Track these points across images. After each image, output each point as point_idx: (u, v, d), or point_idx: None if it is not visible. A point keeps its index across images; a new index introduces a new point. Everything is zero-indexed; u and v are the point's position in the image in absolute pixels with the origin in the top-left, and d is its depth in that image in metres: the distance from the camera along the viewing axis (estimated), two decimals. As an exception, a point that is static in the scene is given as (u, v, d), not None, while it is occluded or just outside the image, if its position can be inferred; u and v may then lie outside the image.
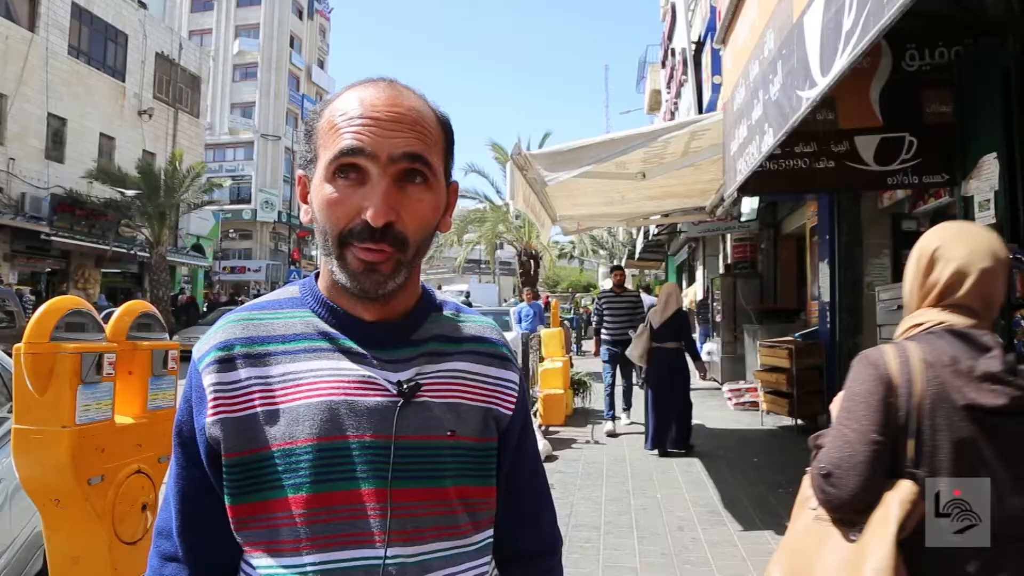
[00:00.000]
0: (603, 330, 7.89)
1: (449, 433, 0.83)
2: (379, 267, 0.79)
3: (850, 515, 1.33)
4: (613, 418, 7.62)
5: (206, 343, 0.84)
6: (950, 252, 1.39)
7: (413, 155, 0.79)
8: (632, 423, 7.84)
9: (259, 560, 0.79)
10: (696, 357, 7.19)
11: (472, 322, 0.94)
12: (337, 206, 0.79)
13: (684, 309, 7.17)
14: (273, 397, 0.80)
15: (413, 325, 0.88)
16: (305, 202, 0.85)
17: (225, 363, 0.82)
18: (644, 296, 13.31)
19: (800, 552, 1.41)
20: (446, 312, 0.93)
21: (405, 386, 0.82)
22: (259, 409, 0.79)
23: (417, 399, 0.82)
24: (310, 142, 0.84)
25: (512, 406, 0.91)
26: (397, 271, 0.80)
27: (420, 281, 0.92)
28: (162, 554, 0.86)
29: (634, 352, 6.86)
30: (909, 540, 1.27)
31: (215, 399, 0.80)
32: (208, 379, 0.81)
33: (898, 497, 1.28)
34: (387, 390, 0.81)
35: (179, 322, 19.11)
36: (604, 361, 7.85)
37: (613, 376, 7.73)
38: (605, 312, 7.87)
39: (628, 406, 8.08)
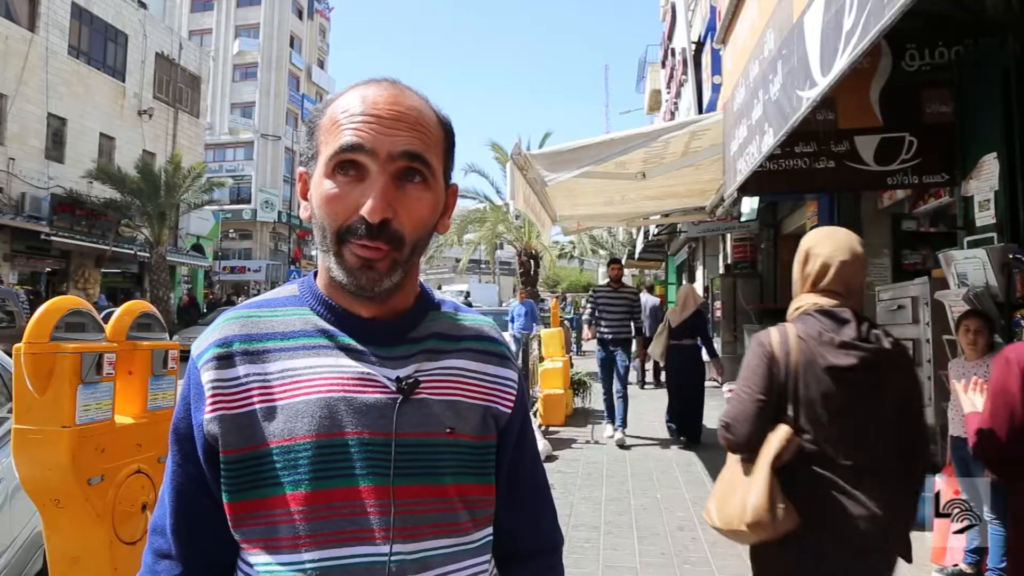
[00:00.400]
0: (600, 327, 7.22)
1: (448, 430, 0.83)
2: (375, 264, 0.79)
3: (747, 453, 1.77)
4: (613, 420, 7.12)
5: (204, 340, 0.84)
6: (818, 250, 1.82)
7: (412, 154, 0.79)
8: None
9: (257, 558, 0.79)
10: (713, 354, 7.57)
11: (471, 321, 0.94)
12: (336, 202, 0.79)
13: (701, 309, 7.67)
14: (272, 394, 0.80)
15: (412, 323, 0.88)
16: (305, 199, 0.86)
17: (224, 360, 0.82)
18: (647, 296, 13.39)
19: (726, 484, 1.83)
20: (445, 311, 0.93)
21: (404, 382, 0.82)
22: (258, 406, 0.79)
23: (416, 396, 0.82)
24: (312, 139, 0.84)
25: (511, 404, 0.91)
26: (393, 269, 0.80)
27: (419, 280, 0.92)
28: (156, 551, 0.86)
29: (656, 350, 7.44)
30: (787, 467, 1.69)
31: (213, 396, 0.80)
32: (206, 376, 0.81)
33: (776, 437, 1.70)
34: (386, 387, 0.81)
35: (181, 323, 19.15)
36: (599, 364, 7.32)
37: (609, 380, 7.15)
38: (600, 308, 7.18)
39: (624, 422, 7.06)
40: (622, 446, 6.70)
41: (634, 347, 7.87)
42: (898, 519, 1.70)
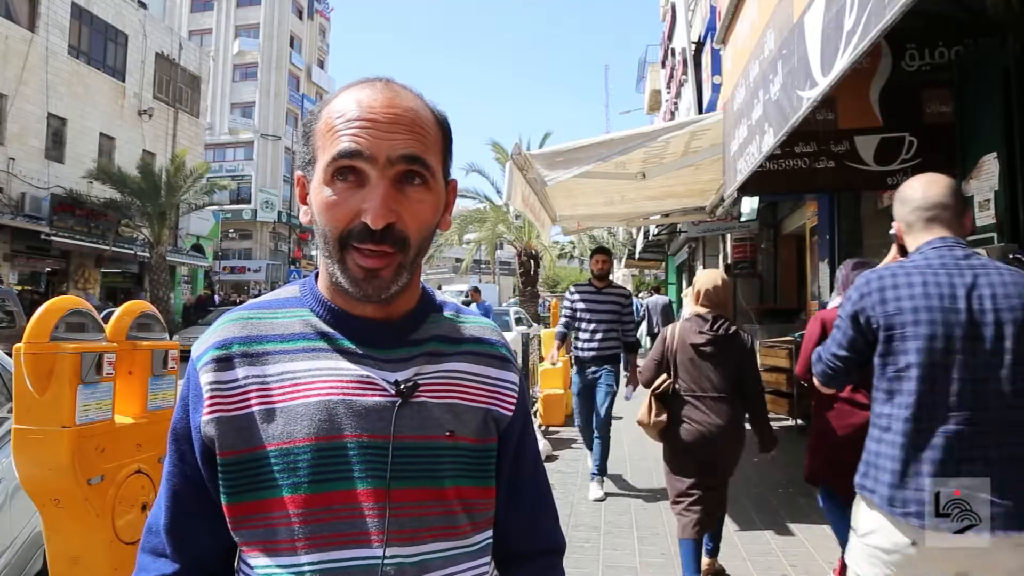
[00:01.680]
0: (577, 342, 5.22)
1: (448, 434, 0.83)
2: (380, 273, 0.79)
3: (649, 388, 3.46)
4: (601, 477, 5.14)
5: (204, 342, 0.84)
6: (697, 282, 3.49)
7: (411, 157, 0.79)
8: (609, 495, 5.09)
9: (256, 560, 0.79)
10: None
11: (472, 323, 0.94)
12: (336, 208, 0.78)
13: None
14: (271, 396, 0.80)
15: (413, 325, 0.88)
16: (304, 203, 0.85)
17: (222, 362, 0.81)
18: (657, 297, 13.38)
19: (642, 405, 3.47)
20: (446, 313, 0.92)
21: (403, 386, 0.82)
22: (256, 408, 0.79)
23: (415, 399, 0.82)
24: (308, 144, 0.83)
25: (512, 407, 0.91)
26: (399, 274, 0.80)
27: (421, 282, 0.92)
28: (152, 550, 0.87)
29: None
30: (666, 395, 3.40)
31: (211, 398, 0.80)
32: (205, 378, 0.81)
33: (659, 379, 3.41)
34: (385, 390, 0.81)
35: (184, 323, 19.20)
36: (575, 394, 5.39)
37: (589, 417, 5.21)
38: (581, 314, 5.19)
39: (603, 469, 5.19)
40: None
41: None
42: (732, 425, 3.28)
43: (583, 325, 5.18)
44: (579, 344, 5.20)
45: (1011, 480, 1.60)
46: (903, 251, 1.94)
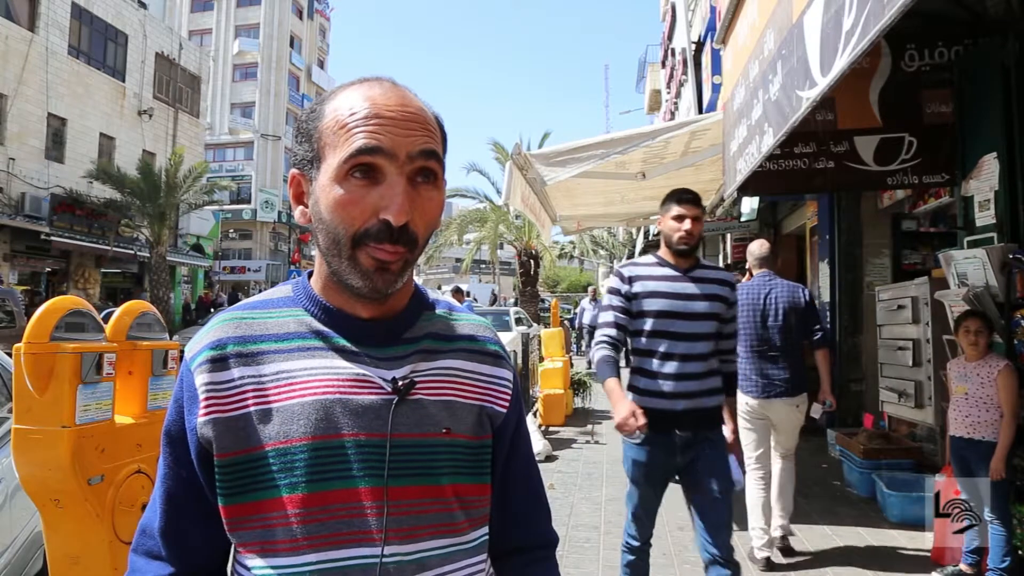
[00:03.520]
0: (641, 377, 2.62)
1: (444, 431, 0.83)
2: (390, 266, 0.79)
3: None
4: None
5: (198, 342, 0.84)
6: None
7: (429, 152, 0.79)
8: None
9: (254, 561, 0.79)
10: None
11: (465, 320, 0.94)
12: (352, 207, 0.77)
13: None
14: (267, 396, 0.79)
15: (407, 323, 0.88)
16: (299, 203, 0.85)
17: (218, 362, 0.81)
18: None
19: None
20: (438, 311, 0.93)
21: (400, 383, 0.82)
22: (252, 408, 0.79)
23: (411, 397, 0.82)
24: (310, 142, 0.82)
25: (506, 404, 0.92)
26: (405, 270, 0.81)
27: (413, 280, 0.92)
28: (147, 552, 0.86)
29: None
30: None
31: (207, 399, 0.79)
32: (200, 379, 0.80)
33: None
34: (381, 388, 0.81)
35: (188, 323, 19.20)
36: (635, 480, 2.64)
37: (649, 522, 2.67)
38: (656, 323, 2.62)
39: None
40: None
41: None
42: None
43: (656, 345, 2.62)
44: (645, 383, 2.62)
45: (784, 375, 3.85)
46: (751, 275, 4.12)
